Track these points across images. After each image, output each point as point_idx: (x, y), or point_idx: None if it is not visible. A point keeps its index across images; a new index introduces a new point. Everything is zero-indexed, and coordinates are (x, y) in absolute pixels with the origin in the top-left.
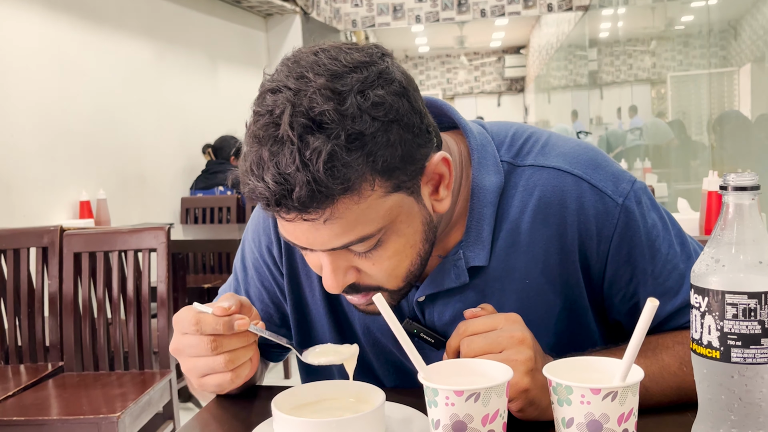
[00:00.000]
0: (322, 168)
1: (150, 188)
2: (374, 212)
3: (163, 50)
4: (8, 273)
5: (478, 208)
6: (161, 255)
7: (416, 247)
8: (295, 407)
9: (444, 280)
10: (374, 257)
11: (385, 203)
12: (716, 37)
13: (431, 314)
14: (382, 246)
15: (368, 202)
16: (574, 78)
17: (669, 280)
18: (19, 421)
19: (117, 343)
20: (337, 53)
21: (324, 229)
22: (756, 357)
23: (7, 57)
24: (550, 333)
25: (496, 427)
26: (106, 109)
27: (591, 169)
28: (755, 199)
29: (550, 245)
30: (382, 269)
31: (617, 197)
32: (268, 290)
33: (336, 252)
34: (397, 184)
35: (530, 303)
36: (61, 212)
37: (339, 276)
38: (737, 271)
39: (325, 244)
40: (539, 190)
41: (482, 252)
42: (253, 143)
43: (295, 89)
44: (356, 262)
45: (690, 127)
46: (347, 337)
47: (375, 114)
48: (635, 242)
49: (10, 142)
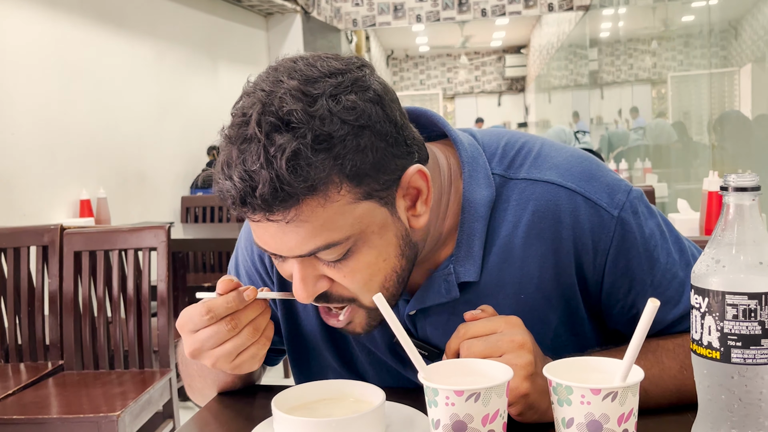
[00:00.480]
0: (284, 165)
1: (150, 187)
2: (342, 218)
3: (164, 49)
4: (8, 271)
5: (468, 223)
6: (161, 254)
7: (390, 262)
8: (294, 407)
9: (434, 295)
10: (345, 268)
11: (355, 210)
12: (717, 37)
13: (423, 328)
14: (353, 257)
15: (335, 207)
16: (575, 78)
17: (669, 290)
18: (19, 420)
19: (117, 342)
20: (315, 61)
21: (290, 233)
22: (756, 357)
23: (7, 55)
24: (547, 348)
25: (496, 427)
26: (107, 108)
27: (585, 181)
28: (756, 199)
29: (545, 260)
30: (354, 281)
31: (612, 209)
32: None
33: (305, 260)
34: (368, 192)
35: (525, 318)
36: (62, 211)
37: (309, 285)
38: (738, 271)
39: (293, 250)
40: (533, 205)
41: (473, 267)
42: (226, 144)
43: (268, 91)
44: (327, 272)
45: (690, 128)
46: (339, 345)
47: (345, 118)
48: (632, 254)
49: (11, 141)
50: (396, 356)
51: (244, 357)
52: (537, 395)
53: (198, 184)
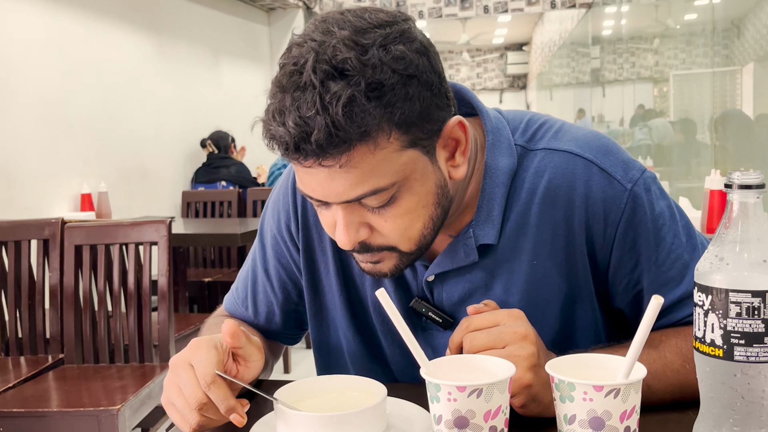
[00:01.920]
0: (340, 111)
1: (151, 181)
2: (389, 165)
3: (166, 44)
4: (9, 265)
5: (489, 188)
6: (162, 248)
7: (428, 209)
8: (296, 401)
9: (453, 259)
10: (387, 214)
11: (401, 158)
12: (719, 35)
13: (440, 294)
14: (396, 203)
15: (384, 154)
16: (577, 75)
17: (672, 270)
18: (19, 413)
19: (117, 336)
20: (363, 13)
21: (339, 179)
22: (759, 355)
23: (9, 49)
24: (555, 317)
25: (498, 423)
26: (109, 102)
27: (602, 154)
28: (760, 197)
29: (558, 228)
30: (395, 227)
31: (626, 183)
32: (284, 267)
33: (350, 206)
34: (413, 140)
35: (537, 285)
36: (63, 205)
37: (351, 231)
38: (741, 269)
39: (340, 195)
40: (549, 173)
41: (492, 230)
42: (277, 92)
43: (320, 41)
44: (369, 218)
45: (692, 126)
46: (358, 314)
47: (395, 67)
48: (641, 229)
49: (13, 135)
50: (408, 318)
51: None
52: (540, 387)
53: (197, 179)
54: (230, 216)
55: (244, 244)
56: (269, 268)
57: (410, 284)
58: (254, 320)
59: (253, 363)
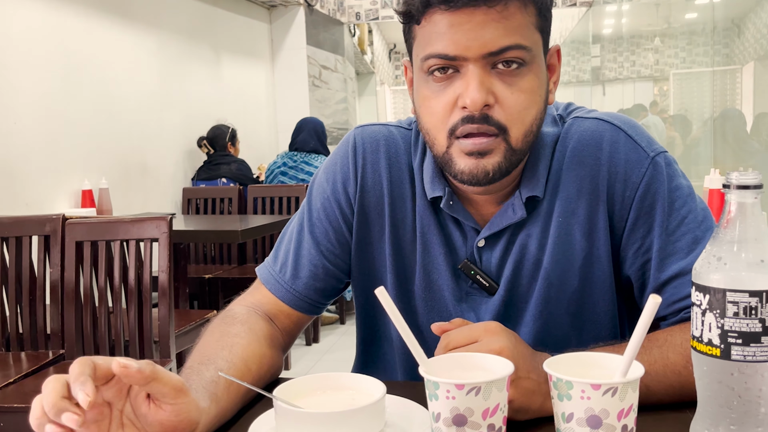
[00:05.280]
0: None
1: (152, 178)
2: (529, 31)
3: (167, 40)
4: (10, 261)
5: (536, 150)
6: (163, 245)
7: (540, 103)
8: (296, 399)
9: (503, 218)
10: (514, 86)
11: (534, 34)
12: (720, 35)
13: (488, 260)
14: (524, 76)
15: (527, 18)
16: (577, 74)
17: (681, 241)
18: (19, 408)
19: (118, 332)
20: None
21: (490, 27)
22: (756, 355)
23: (10, 45)
24: (575, 275)
25: (496, 420)
26: (110, 99)
27: (630, 126)
28: (758, 197)
29: (583, 185)
30: (518, 102)
31: (650, 151)
32: (333, 227)
33: (485, 69)
34: (541, 27)
35: (561, 241)
36: (64, 201)
37: (483, 90)
38: (739, 269)
39: (486, 45)
40: (579, 135)
41: (537, 185)
42: None
43: None
44: (497, 88)
45: (692, 125)
46: (405, 278)
47: None
48: (658, 196)
49: (13, 131)
50: (455, 282)
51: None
52: (523, 398)
53: (198, 176)
54: (230, 213)
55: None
56: (315, 230)
57: (459, 249)
58: (292, 286)
59: (170, 406)
